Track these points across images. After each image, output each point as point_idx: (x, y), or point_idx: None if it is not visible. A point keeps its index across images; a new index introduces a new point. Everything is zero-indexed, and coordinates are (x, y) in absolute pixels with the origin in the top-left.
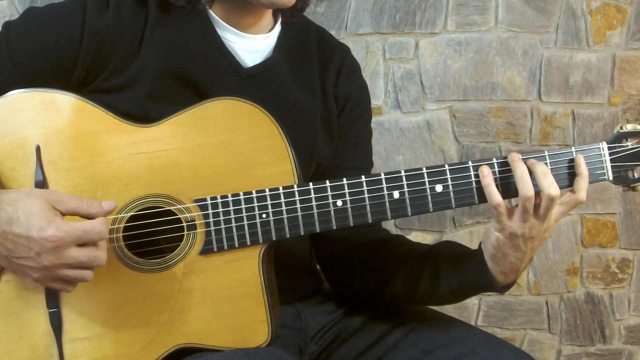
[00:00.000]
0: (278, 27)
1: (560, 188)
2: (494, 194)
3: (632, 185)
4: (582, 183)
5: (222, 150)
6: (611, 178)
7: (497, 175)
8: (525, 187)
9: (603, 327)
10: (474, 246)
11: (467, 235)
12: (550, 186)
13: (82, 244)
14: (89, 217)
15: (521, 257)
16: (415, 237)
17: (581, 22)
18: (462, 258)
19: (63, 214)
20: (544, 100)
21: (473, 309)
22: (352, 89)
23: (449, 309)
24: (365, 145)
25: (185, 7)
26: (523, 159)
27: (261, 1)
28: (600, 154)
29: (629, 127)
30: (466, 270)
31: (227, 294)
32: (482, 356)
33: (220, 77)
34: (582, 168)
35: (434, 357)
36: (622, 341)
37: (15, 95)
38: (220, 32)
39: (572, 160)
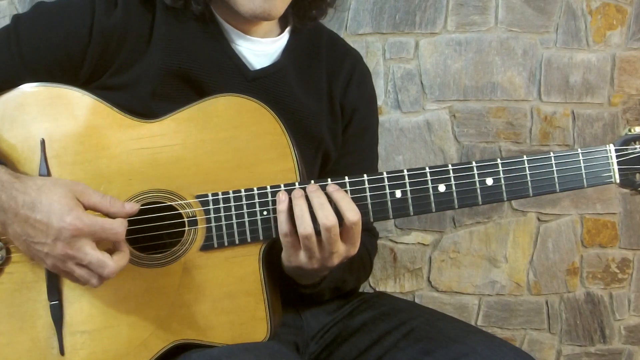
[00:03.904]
0: (287, 31)
1: (567, 189)
2: (283, 223)
3: (638, 188)
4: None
5: (224, 147)
6: (618, 181)
7: (502, 175)
8: (304, 222)
9: (603, 327)
10: (474, 246)
11: (467, 235)
12: (327, 216)
13: (98, 241)
14: (109, 215)
15: (317, 272)
16: (415, 237)
17: (581, 22)
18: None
19: (85, 207)
20: (544, 100)
21: (473, 309)
22: (361, 100)
23: (449, 309)
24: (372, 160)
25: (190, 9)
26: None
27: (242, 13)
28: (608, 156)
29: (638, 130)
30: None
31: (227, 291)
32: (482, 356)
33: (225, 78)
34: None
35: (434, 357)
36: (622, 341)
37: (22, 89)
38: (226, 34)
39: (578, 162)
